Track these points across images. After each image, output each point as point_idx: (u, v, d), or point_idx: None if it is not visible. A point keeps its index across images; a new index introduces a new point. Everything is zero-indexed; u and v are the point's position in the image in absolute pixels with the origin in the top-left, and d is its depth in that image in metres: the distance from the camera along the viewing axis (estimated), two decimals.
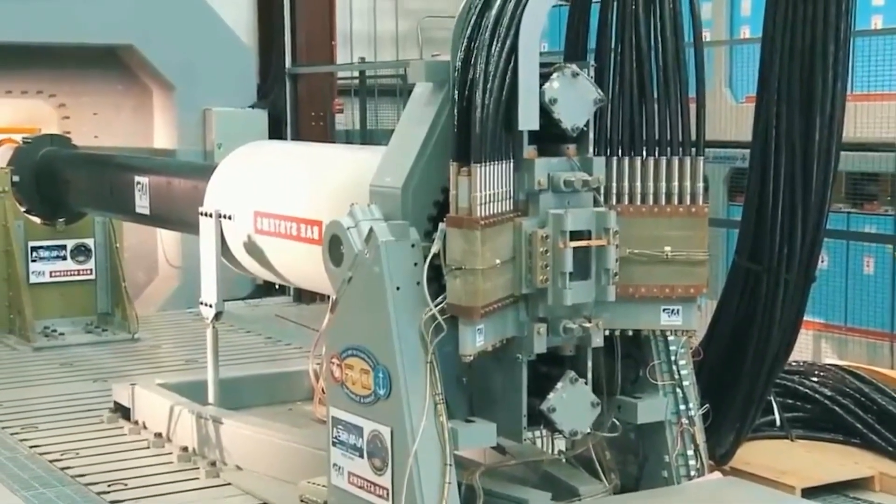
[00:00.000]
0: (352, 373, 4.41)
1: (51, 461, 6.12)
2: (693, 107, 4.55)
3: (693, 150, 4.53)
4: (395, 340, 4.22)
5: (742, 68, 9.28)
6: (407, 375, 4.20)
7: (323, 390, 5.23)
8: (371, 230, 4.29)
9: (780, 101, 5.10)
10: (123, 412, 6.78)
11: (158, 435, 6.34)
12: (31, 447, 6.38)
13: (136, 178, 7.39)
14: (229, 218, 5.93)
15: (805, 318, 5.49)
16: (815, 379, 6.12)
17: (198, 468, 5.88)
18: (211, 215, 6.03)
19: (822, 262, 7.14)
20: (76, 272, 9.50)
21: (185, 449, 6.10)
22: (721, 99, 9.25)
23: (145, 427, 6.55)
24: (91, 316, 9.54)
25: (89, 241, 9.50)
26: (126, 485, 5.72)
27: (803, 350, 7.96)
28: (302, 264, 5.33)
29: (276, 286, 10.53)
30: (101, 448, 6.38)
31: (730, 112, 9.12)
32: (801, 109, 5.06)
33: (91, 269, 9.52)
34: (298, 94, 11.47)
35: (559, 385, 4.42)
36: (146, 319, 9.76)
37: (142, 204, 7.37)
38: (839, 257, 8.60)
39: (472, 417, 4.46)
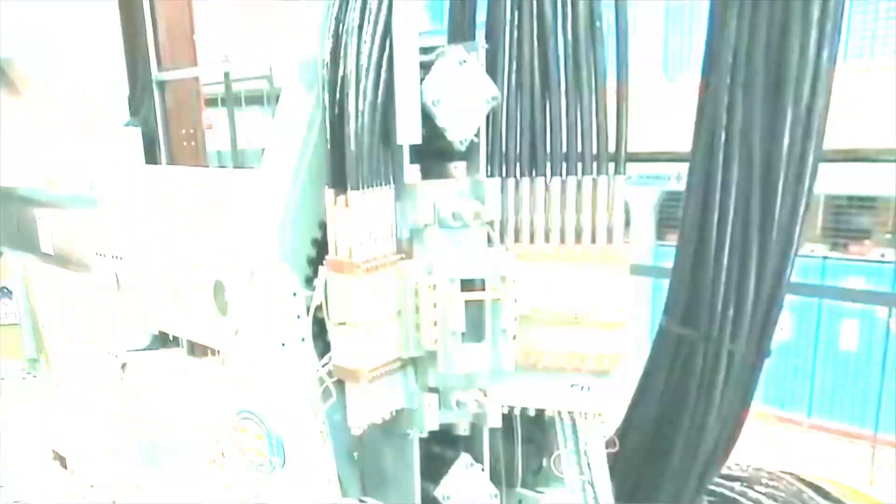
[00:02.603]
0: (247, 438, 3.91)
1: None
2: (613, 101, 3.36)
3: (611, 164, 3.41)
4: (284, 406, 3.72)
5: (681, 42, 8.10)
6: (299, 446, 3.70)
7: None
8: (252, 275, 3.66)
9: (735, 87, 3.66)
10: None
11: None
12: None
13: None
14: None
15: (754, 404, 4.28)
16: (761, 489, 5.23)
17: None
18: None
19: (782, 329, 6.10)
20: None
21: None
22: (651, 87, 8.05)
23: None
24: None
25: None
26: None
27: (749, 448, 7.02)
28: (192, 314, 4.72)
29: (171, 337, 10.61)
30: None
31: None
32: (764, 98, 3.63)
33: None
34: (167, 107, 11.15)
35: (453, 470, 3.86)
36: None
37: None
38: (807, 323, 7.54)
39: (364, 498, 3.97)
